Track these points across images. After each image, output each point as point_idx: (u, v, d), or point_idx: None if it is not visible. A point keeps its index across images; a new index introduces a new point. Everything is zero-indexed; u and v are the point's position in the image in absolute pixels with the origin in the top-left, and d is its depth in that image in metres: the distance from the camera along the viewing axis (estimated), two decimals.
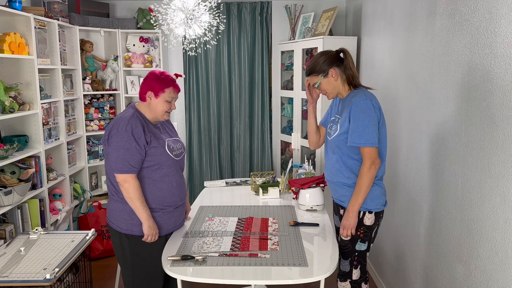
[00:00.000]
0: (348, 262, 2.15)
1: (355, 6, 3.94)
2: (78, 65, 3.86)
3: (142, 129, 2.05)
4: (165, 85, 2.09)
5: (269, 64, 4.48)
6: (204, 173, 4.62)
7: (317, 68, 2.11)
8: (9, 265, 2.27)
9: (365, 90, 2.10)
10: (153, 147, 2.08)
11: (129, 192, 2.04)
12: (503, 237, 1.56)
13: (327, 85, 2.12)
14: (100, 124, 4.17)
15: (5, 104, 2.83)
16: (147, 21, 4.18)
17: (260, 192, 2.93)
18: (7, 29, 3.03)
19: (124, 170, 2.02)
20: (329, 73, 2.09)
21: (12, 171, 2.94)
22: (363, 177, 2.01)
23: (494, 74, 1.61)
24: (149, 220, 2.08)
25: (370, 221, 2.09)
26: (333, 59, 2.10)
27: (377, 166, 2.01)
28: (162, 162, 2.12)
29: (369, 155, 2.00)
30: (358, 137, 1.99)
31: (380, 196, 2.10)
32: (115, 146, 2.02)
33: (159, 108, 2.11)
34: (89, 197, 3.97)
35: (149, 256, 2.14)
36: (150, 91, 2.10)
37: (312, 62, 2.14)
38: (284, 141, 4.46)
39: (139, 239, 2.11)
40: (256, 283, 1.85)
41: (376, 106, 2.03)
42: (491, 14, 1.62)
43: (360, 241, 2.11)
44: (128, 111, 2.13)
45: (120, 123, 2.04)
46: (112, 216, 2.17)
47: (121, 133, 2.01)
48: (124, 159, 2.01)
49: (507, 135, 1.52)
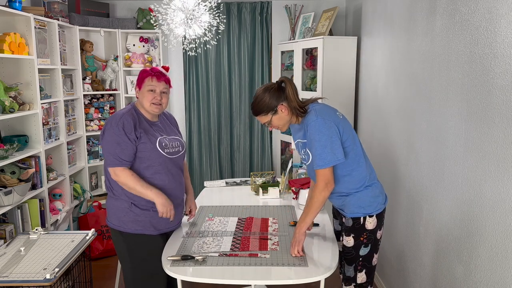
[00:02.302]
0: (352, 268, 2.09)
1: (355, 6, 3.94)
2: (78, 65, 3.86)
3: (133, 124, 2.08)
4: (144, 75, 2.14)
5: (269, 64, 4.48)
6: (204, 173, 4.62)
7: (265, 107, 2.01)
8: (9, 265, 2.27)
9: (316, 106, 2.01)
10: (142, 142, 2.10)
11: (125, 182, 2.06)
12: (503, 237, 1.56)
13: (279, 121, 2.05)
14: (100, 124, 4.17)
15: (5, 104, 2.83)
16: (147, 21, 4.18)
17: (260, 192, 2.93)
18: (7, 29, 3.03)
19: (116, 163, 2.05)
20: (279, 109, 2.01)
21: (12, 171, 2.94)
22: (314, 198, 1.96)
23: (494, 74, 1.61)
24: (159, 197, 2.08)
25: (373, 224, 2.04)
26: (279, 93, 2.01)
27: (330, 188, 1.96)
28: (152, 159, 2.12)
29: (324, 176, 1.94)
30: (317, 160, 1.94)
31: (376, 197, 2.05)
32: (107, 140, 2.07)
33: (144, 100, 2.13)
34: (89, 197, 3.97)
35: (147, 255, 2.13)
36: (137, 86, 2.18)
37: (257, 102, 2.04)
38: (284, 141, 4.46)
39: (134, 237, 2.12)
40: (256, 283, 1.85)
41: (329, 119, 1.94)
42: (491, 14, 1.62)
43: (364, 246, 2.06)
44: (125, 108, 2.19)
45: (113, 119, 2.09)
46: (109, 214, 2.20)
47: (113, 128, 2.06)
48: (115, 153, 2.05)
49: (507, 135, 1.52)
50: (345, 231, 2.08)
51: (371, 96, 3.34)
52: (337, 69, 3.60)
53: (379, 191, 2.09)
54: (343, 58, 3.61)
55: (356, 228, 2.04)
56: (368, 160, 2.11)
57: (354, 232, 2.05)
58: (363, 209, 2.02)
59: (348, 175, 2.02)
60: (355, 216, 2.04)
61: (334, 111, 2.03)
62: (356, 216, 2.03)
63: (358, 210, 2.03)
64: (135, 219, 2.12)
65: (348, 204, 2.05)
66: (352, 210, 2.04)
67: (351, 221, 2.05)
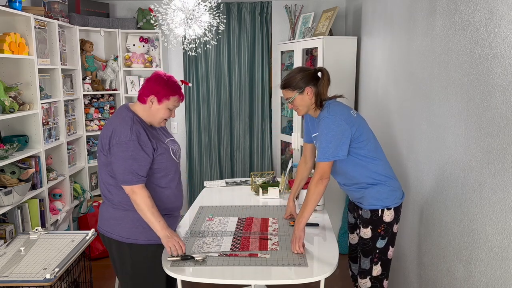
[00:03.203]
0: (368, 260, 2.15)
1: (355, 6, 3.94)
2: (78, 65, 3.86)
3: (146, 136, 1.92)
4: (171, 93, 1.96)
5: (269, 64, 4.48)
6: (204, 173, 4.62)
7: (294, 83, 2.09)
8: (9, 265, 2.27)
9: (331, 103, 2.08)
10: (160, 154, 1.97)
11: (139, 203, 1.90)
12: (503, 237, 1.56)
13: (301, 102, 2.11)
14: (100, 124, 4.17)
15: (5, 104, 2.83)
16: (147, 21, 4.18)
17: (260, 192, 2.93)
18: (7, 29, 3.03)
19: (134, 181, 1.88)
20: (305, 90, 2.08)
21: (12, 171, 2.94)
22: (310, 193, 2.03)
23: (494, 74, 1.61)
24: (163, 230, 1.92)
25: (390, 217, 2.11)
26: (311, 77, 2.09)
27: (325, 182, 2.02)
28: (168, 168, 2.03)
29: (321, 169, 2.02)
30: (319, 153, 2.03)
31: (394, 191, 2.12)
32: (121, 156, 1.87)
33: (158, 115, 1.98)
34: (89, 197, 3.97)
35: (154, 265, 2.00)
36: (154, 96, 1.95)
37: (288, 76, 2.11)
38: (284, 141, 4.46)
39: (144, 248, 2.00)
40: (256, 283, 1.85)
41: (340, 117, 2.01)
42: (491, 14, 1.62)
43: (381, 238, 2.12)
44: (125, 114, 1.96)
45: (121, 130, 1.89)
46: (110, 225, 2.02)
47: (126, 143, 1.87)
48: (132, 170, 1.87)
49: (507, 135, 1.52)
50: (363, 223, 2.15)
51: (371, 96, 3.34)
52: (337, 69, 3.59)
53: (397, 186, 2.16)
54: (343, 58, 3.61)
55: (374, 220, 2.11)
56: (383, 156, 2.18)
57: (372, 224, 2.12)
58: (381, 201, 2.09)
59: (370, 163, 2.09)
60: (373, 208, 2.11)
61: (348, 110, 2.10)
62: (375, 208, 2.10)
63: (376, 202, 2.10)
64: (144, 229, 1.98)
65: (367, 196, 2.12)
66: (370, 202, 2.11)
67: (369, 213, 2.11)
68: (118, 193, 1.98)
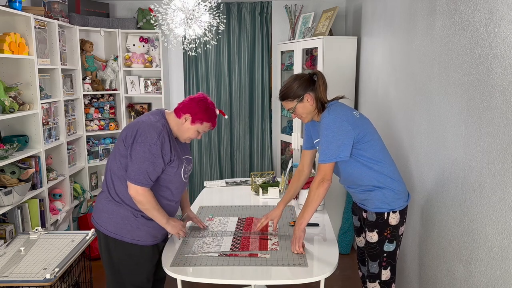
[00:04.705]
0: (376, 264, 2.12)
1: (355, 6, 3.94)
2: (78, 65, 3.86)
3: (169, 145, 1.97)
4: (207, 119, 2.04)
5: (269, 64, 4.48)
6: (204, 173, 4.62)
7: (292, 93, 2.07)
8: (9, 265, 2.27)
9: (333, 105, 2.06)
10: (172, 166, 2.01)
11: (144, 204, 1.96)
12: (503, 237, 1.56)
13: (303, 110, 2.09)
14: (100, 124, 4.17)
15: (5, 104, 2.83)
16: (147, 21, 4.18)
17: (260, 192, 2.93)
18: (7, 29, 3.03)
19: (142, 182, 1.93)
20: (305, 97, 2.06)
21: (12, 171, 2.94)
22: (310, 194, 2.01)
23: (494, 74, 1.61)
24: (169, 222, 2.06)
25: (396, 220, 2.07)
26: (308, 83, 2.07)
27: (326, 184, 1.99)
28: (172, 182, 2.06)
29: (322, 171, 1.99)
30: (321, 155, 2.00)
31: (400, 193, 2.08)
32: (141, 156, 1.91)
33: (187, 133, 2.06)
34: (89, 197, 3.97)
35: (137, 266, 2.06)
36: (189, 115, 2.02)
37: (285, 87, 2.10)
38: (284, 141, 4.46)
39: (128, 246, 2.02)
40: (256, 283, 1.85)
41: (342, 117, 1.98)
42: (491, 14, 1.62)
43: (388, 241, 2.08)
44: (158, 119, 2.02)
45: (150, 131, 1.93)
46: (101, 217, 2.05)
47: (150, 145, 1.91)
48: (145, 172, 1.92)
49: (507, 135, 1.52)
50: (368, 227, 2.11)
51: (371, 96, 3.34)
52: (337, 69, 3.59)
53: (403, 189, 2.12)
54: (343, 58, 3.61)
55: (380, 223, 2.07)
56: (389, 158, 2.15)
57: (378, 228, 2.08)
58: (387, 204, 2.06)
59: (376, 165, 2.05)
60: (379, 211, 2.07)
61: (350, 110, 2.07)
62: (380, 211, 2.07)
63: (382, 205, 2.06)
64: (131, 228, 2.02)
65: (372, 199, 2.08)
66: (376, 205, 2.07)
67: (374, 215, 2.08)
68: (119, 185, 2.02)
